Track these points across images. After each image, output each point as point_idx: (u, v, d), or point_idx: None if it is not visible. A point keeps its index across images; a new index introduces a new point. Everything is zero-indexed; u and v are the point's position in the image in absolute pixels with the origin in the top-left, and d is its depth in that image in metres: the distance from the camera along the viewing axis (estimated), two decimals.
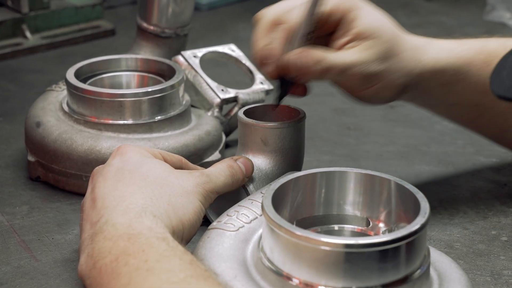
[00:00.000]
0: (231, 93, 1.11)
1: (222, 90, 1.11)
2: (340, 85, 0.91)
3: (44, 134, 1.02)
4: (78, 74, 1.05)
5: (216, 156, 1.05)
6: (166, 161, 0.87)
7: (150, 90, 1.02)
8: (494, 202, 1.00)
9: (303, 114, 0.93)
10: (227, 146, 1.12)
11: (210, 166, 0.88)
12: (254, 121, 0.91)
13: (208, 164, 0.99)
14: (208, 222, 0.86)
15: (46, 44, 1.49)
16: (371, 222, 0.82)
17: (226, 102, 1.11)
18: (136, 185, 0.81)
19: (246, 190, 0.89)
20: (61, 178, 1.02)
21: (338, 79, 0.90)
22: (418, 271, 0.73)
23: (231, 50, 1.18)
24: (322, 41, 0.90)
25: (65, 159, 1.00)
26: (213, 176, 0.85)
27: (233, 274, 0.75)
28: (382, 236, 0.74)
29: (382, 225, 0.82)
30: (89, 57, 1.11)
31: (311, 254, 0.71)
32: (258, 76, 1.14)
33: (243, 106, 1.06)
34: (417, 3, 1.77)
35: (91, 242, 0.76)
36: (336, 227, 0.83)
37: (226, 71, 1.32)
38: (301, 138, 0.93)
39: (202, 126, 1.06)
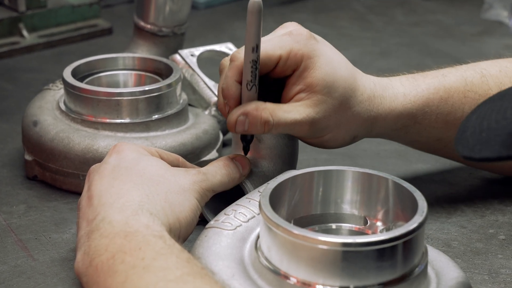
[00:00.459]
0: None
1: None
2: (290, 132, 0.90)
3: (41, 133, 1.02)
4: (75, 73, 1.05)
5: (213, 155, 1.05)
6: (163, 159, 0.86)
7: (147, 89, 1.02)
8: (491, 200, 1.00)
9: None
10: (225, 145, 1.11)
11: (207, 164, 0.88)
12: None
13: (205, 163, 0.98)
14: (205, 222, 0.86)
15: (43, 43, 1.48)
16: (369, 221, 0.82)
17: None
18: (132, 182, 0.80)
19: (243, 189, 0.89)
20: (58, 177, 1.02)
21: (287, 131, 0.89)
22: (416, 270, 0.73)
23: (229, 48, 1.17)
24: (281, 82, 0.88)
25: (62, 158, 1.00)
26: (209, 174, 0.85)
27: (230, 273, 0.74)
28: (379, 234, 0.74)
29: (379, 223, 0.82)
30: (86, 56, 1.11)
31: (309, 253, 0.70)
32: None
33: None
34: (414, 2, 1.76)
35: (88, 240, 0.76)
36: (333, 226, 0.83)
37: None
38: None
39: (200, 125, 1.06)
